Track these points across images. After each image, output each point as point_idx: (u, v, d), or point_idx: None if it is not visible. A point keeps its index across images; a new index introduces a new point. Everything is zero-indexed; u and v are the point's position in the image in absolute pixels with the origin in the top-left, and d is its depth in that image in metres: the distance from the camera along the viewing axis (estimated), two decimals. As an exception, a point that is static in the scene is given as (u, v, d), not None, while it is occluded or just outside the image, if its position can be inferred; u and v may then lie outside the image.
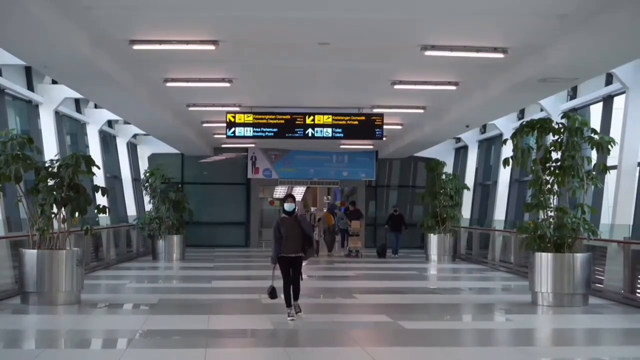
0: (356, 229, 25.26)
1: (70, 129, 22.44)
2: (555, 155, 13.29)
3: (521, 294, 14.30)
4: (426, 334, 10.43)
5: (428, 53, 12.55)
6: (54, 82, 18.53)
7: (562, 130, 13.16)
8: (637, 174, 15.89)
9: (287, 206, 11.21)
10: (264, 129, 18.82)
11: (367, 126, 18.95)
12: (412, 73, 15.17)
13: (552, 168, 13.25)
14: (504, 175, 23.66)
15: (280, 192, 33.12)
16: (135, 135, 27.36)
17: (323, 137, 18.90)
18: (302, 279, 11.34)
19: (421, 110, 19.20)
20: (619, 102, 17.07)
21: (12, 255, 13.50)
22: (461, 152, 28.84)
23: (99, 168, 14.01)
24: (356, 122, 18.86)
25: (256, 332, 10.41)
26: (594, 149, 13.28)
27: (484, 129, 25.88)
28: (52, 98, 19.07)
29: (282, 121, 18.72)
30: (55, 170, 12.73)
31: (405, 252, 23.48)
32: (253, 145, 27.77)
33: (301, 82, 16.47)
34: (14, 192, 13.16)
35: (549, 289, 12.87)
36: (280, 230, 11.03)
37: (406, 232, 25.20)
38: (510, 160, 13.73)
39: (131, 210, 26.74)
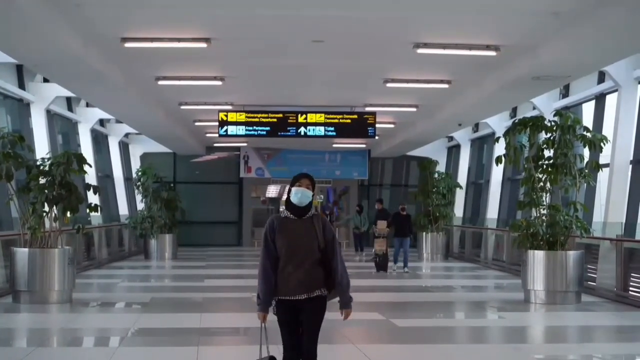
0: (382, 230, 21.83)
1: (62, 127, 22.37)
2: (548, 153, 13.30)
3: (514, 292, 14.30)
4: (419, 331, 10.42)
5: (420, 51, 12.53)
6: (46, 80, 18.48)
7: (554, 128, 13.16)
8: (630, 172, 15.92)
9: (297, 195, 5.74)
10: (257, 128, 18.78)
11: (360, 125, 18.93)
12: (404, 71, 15.15)
13: (544, 166, 13.26)
14: (497, 173, 23.69)
15: (273, 191, 33.08)
16: (127, 134, 27.30)
17: (315, 136, 18.88)
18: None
19: (414, 109, 19.19)
20: (611, 100, 17.09)
21: (3, 254, 13.44)
22: (454, 151, 28.87)
23: (90, 166, 13.98)
24: (349, 121, 18.85)
25: (248, 330, 10.36)
26: (587, 146, 13.29)
27: (476, 127, 25.91)
28: (44, 96, 18.99)
29: (275, 120, 18.69)
30: (46, 168, 12.68)
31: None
32: (245, 144, 27.73)
33: (294, 80, 16.43)
34: (5, 191, 13.11)
35: (541, 287, 12.88)
36: (276, 243, 5.73)
37: (412, 239, 20.19)
38: (503, 158, 13.72)
39: (123, 209, 26.68)
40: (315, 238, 5.69)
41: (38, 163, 12.86)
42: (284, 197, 5.99)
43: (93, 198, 16.75)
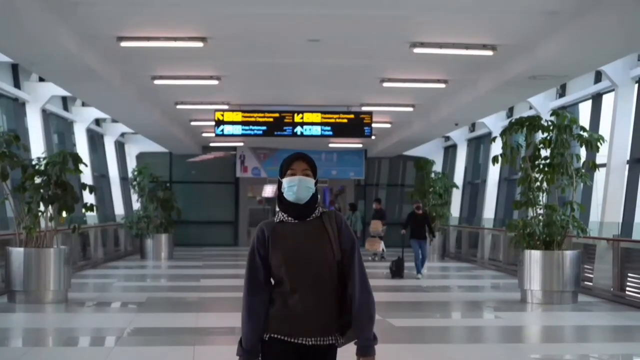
0: (375, 229, 22.14)
1: (58, 127, 22.32)
2: (545, 152, 13.29)
3: (510, 292, 14.29)
4: (415, 331, 10.40)
5: (417, 50, 12.51)
6: (41, 79, 18.43)
7: (551, 127, 13.15)
8: (626, 172, 15.91)
9: (292, 189, 3.90)
10: (253, 127, 18.75)
11: (356, 124, 18.90)
12: (401, 71, 15.14)
13: (541, 165, 13.25)
14: (493, 173, 23.67)
15: (269, 191, 33.03)
16: (123, 134, 27.26)
17: (312, 136, 18.84)
18: None
19: (410, 109, 19.18)
20: (608, 100, 17.08)
21: (-2, 254, 13.41)
22: (450, 151, 28.85)
23: (86, 166, 13.94)
24: (345, 120, 18.82)
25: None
26: (583, 146, 13.29)
27: (473, 127, 25.89)
28: (39, 96, 18.94)
29: (271, 119, 18.65)
30: (42, 168, 12.64)
31: (394, 250, 23.07)
32: (242, 144, 27.70)
33: (290, 79, 16.42)
34: (1, 190, 13.06)
35: (538, 287, 12.86)
36: (270, 261, 3.85)
37: (432, 241, 18.49)
38: (500, 158, 13.72)
39: (119, 209, 26.64)
40: (330, 247, 3.83)
41: (33, 162, 12.81)
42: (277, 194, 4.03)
43: (89, 197, 16.71)
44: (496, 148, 16.27)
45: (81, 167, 13.18)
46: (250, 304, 3.82)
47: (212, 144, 27.78)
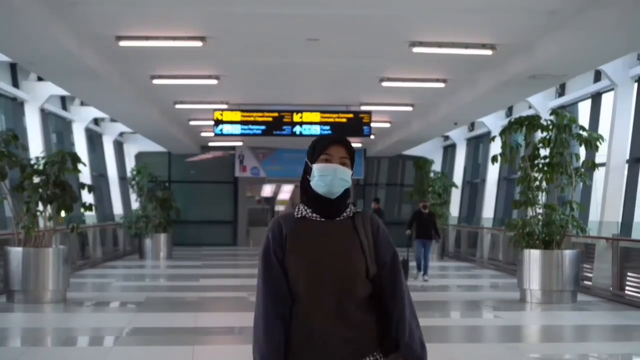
0: None
1: (56, 126, 22.30)
2: (544, 152, 13.29)
3: (510, 291, 14.28)
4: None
5: (416, 49, 12.49)
6: (40, 79, 18.39)
7: (550, 127, 13.14)
8: (626, 171, 15.90)
9: (325, 179, 3.01)
10: (252, 127, 18.71)
11: (355, 124, 18.86)
12: (400, 70, 15.12)
13: (540, 165, 13.24)
14: (493, 173, 23.67)
15: (268, 190, 33.04)
16: (121, 133, 27.22)
17: (311, 135, 18.80)
18: None
19: (409, 108, 19.17)
20: (607, 99, 17.07)
21: (-3, 254, 13.39)
22: (449, 150, 28.84)
23: (85, 165, 13.94)
24: (344, 120, 18.79)
25: (244, 329, 10.33)
26: (583, 145, 13.28)
27: (472, 126, 25.88)
28: (38, 95, 18.91)
29: (270, 119, 18.61)
30: (40, 167, 12.63)
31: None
32: (241, 143, 27.67)
33: (289, 79, 16.40)
34: (-1, 190, 13.05)
35: (537, 286, 12.86)
36: (288, 267, 2.96)
37: (438, 241, 18.23)
38: (499, 157, 13.72)
39: (118, 208, 26.62)
40: (362, 257, 2.99)
41: (32, 162, 12.81)
42: (298, 184, 3.43)
43: (87, 197, 16.69)
44: (495, 147, 16.26)
45: (80, 166, 13.18)
46: (267, 315, 2.95)
47: (211, 144, 27.75)
